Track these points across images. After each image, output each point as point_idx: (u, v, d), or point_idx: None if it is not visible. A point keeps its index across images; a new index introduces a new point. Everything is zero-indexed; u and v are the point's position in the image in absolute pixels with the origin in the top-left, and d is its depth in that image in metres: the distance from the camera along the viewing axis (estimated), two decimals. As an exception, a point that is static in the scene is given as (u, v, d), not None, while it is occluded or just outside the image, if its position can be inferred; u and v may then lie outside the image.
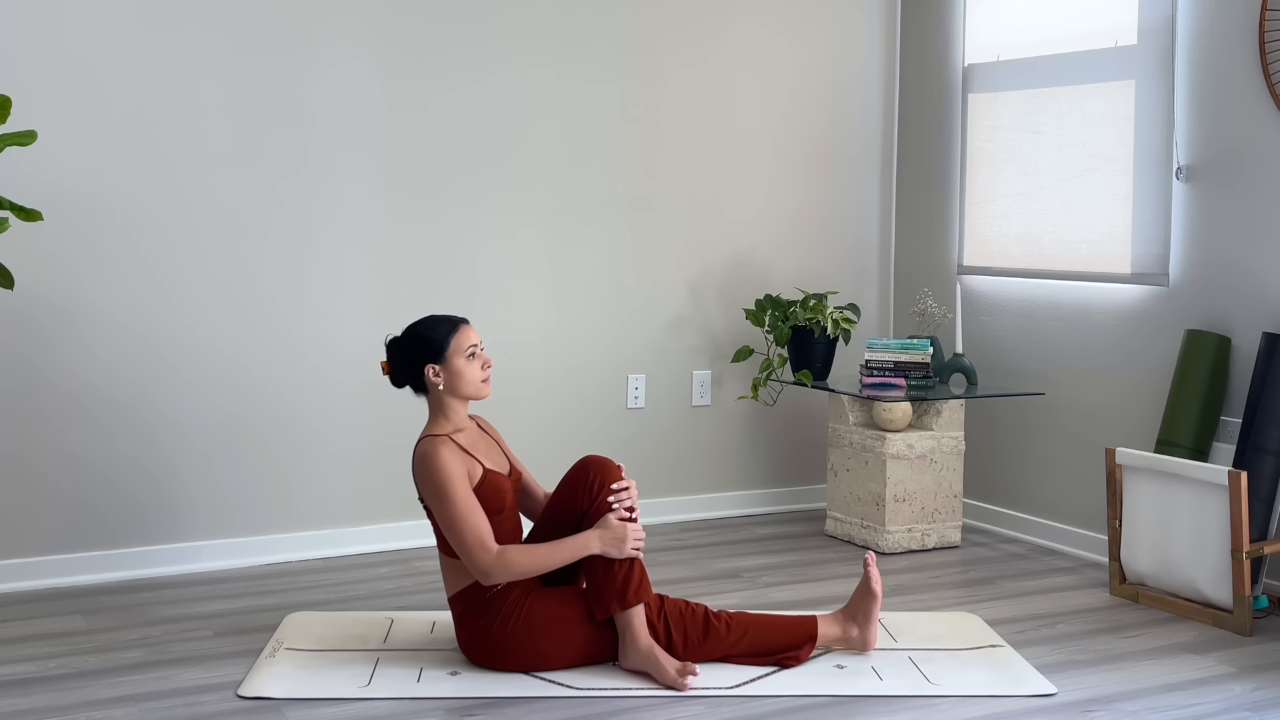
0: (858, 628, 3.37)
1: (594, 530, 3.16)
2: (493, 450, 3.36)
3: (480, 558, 3.09)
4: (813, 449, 5.23)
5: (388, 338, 3.34)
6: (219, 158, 4.17)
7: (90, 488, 4.06)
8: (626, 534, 3.16)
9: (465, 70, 4.51)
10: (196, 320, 4.17)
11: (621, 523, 3.17)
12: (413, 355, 3.26)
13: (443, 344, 3.24)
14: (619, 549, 3.15)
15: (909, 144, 5.28)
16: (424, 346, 3.25)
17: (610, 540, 3.15)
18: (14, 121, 3.65)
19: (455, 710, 3.01)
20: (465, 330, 3.27)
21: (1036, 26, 4.71)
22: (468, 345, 3.26)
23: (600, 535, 3.15)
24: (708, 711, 3.02)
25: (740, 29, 5.00)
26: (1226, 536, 3.68)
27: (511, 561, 3.11)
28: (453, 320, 3.29)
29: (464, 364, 3.25)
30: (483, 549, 3.09)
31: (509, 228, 4.62)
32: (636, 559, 3.18)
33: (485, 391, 3.30)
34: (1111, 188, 4.43)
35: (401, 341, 3.29)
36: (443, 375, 3.24)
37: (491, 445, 3.37)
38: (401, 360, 3.28)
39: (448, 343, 3.24)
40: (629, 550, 3.15)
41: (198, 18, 4.11)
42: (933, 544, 4.58)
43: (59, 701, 3.04)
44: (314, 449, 4.36)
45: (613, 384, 4.86)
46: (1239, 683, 3.25)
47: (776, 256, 5.11)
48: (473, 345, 3.27)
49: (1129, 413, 4.39)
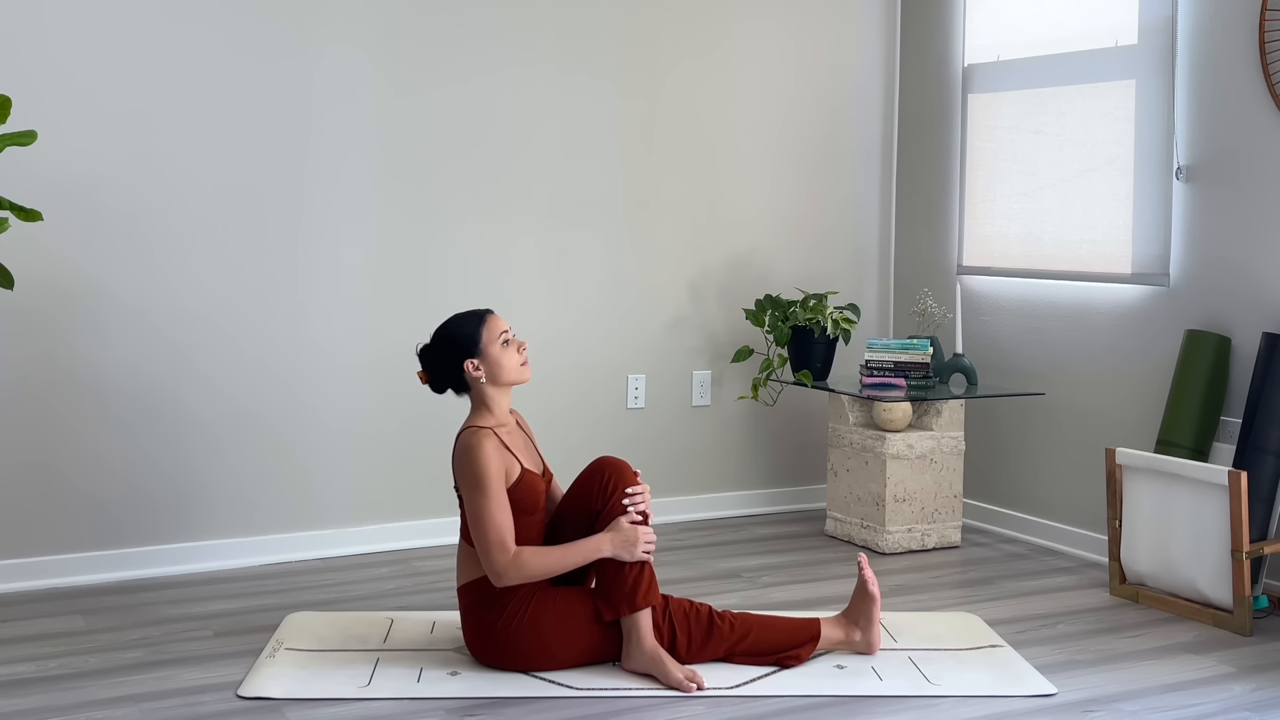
0: (860, 631, 3.37)
1: (606, 533, 3.17)
2: (529, 449, 3.38)
3: (497, 557, 3.10)
4: (813, 449, 5.23)
5: (418, 347, 3.34)
6: (221, 154, 4.17)
7: (90, 488, 4.05)
8: (638, 537, 3.17)
9: (466, 67, 4.51)
10: (197, 321, 4.16)
11: (633, 526, 3.18)
12: (449, 355, 3.27)
13: (476, 337, 3.26)
14: (630, 552, 3.16)
15: (909, 144, 5.28)
16: (458, 344, 3.26)
17: (621, 543, 3.16)
18: (14, 121, 3.66)
19: (455, 710, 3.01)
20: (493, 319, 3.29)
21: (1036, 26, 4.71)
22: (499, 333, 3.28)
23: (612, 538, 3.17)
24: (708, 711, 3.02)
25: (740, 29, 5.00)
26: (1226, 536, 3.68)
27: (525, 563, 3.12)
28: (478, 313, 3.31)
29: (500, 351, 3.27)
30: (501, 549, 3.10)
31: (509, 227, 4.62)
32: (647, 562, 3.19)
33: (526, 375, 3.32)
34: (1112, 188, 4.43)
35: (434, 346, 3.30)
36: (483, 368, 3.25)
37: (528, 443, 3.39)
38: (439, 363, 3.29)
39: (480, 334, 3.26)
40: (640, 554, 3.17)
41: (197, 17, 4.11)
42: (933, 544, 4.58)
43: (59, 701, 3.04)
44: (314, 449, 4.36)
45: (613, 384, 4.86)
46: (1239, 683, 3.25)
47: (776, 256, 5.11)
48: (504, 331, 3.29)
49: (1129, 413, 4.39)
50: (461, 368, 3.26)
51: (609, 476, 3.24)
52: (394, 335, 4.41)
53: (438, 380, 3.31)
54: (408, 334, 4.39)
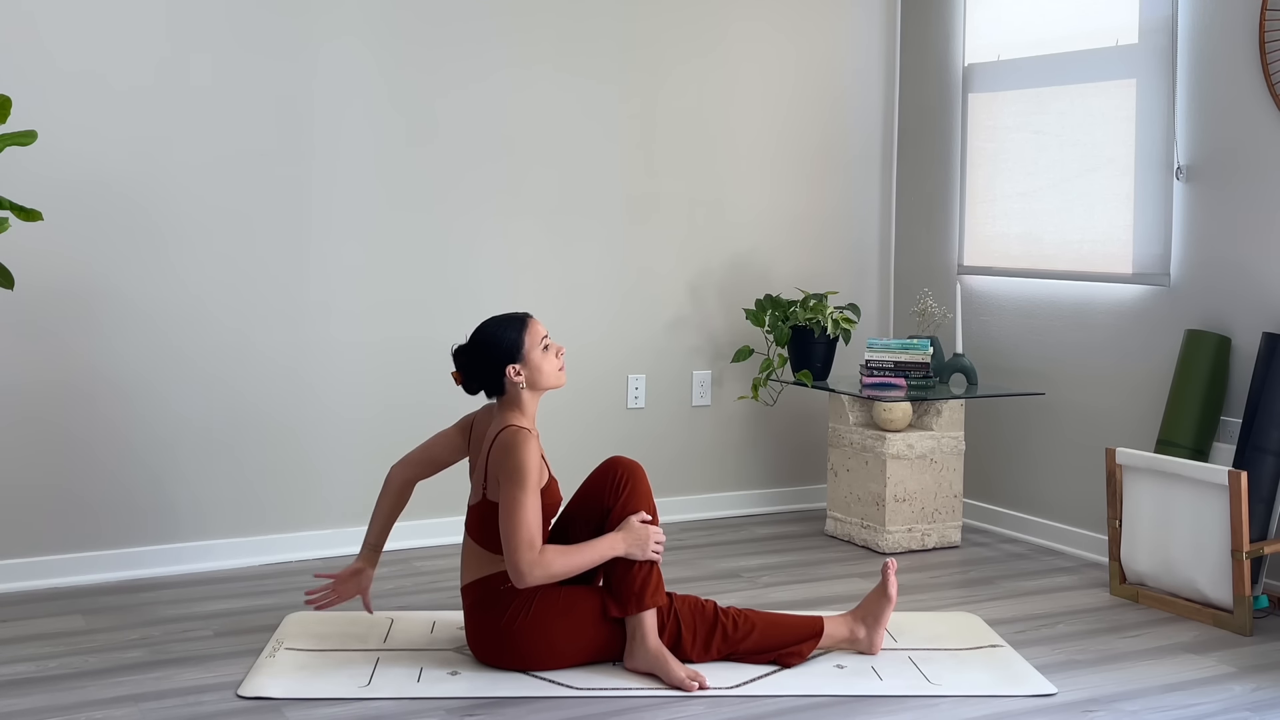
0: (865, 629, 3.38)
1: (618, 533, 3.19)
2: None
3: (525, 555, 3.09)
4: (813, 449, 5.23)
5: (454, 347, 3.33)
6: (220, 155, 4.17)
7: (89, 488, 4.05)
8: (648, 536, 3.19)
9: (465, 68, 4.51)
10: (196, 324, 4.16)
11: (643, 525, 3.20)
12: (490, 359, 3.26)
13: (519, 342, 3.26)
14: (641, 550, 3.18)
15: (909, 144, 5.28)
16: (501, 348, 3.25)
17: (633, 542, 3.18)
18: (14, 121, 3.66)
19: (455, 710, 3.01)
20: (534, 324, 3.30)
21: (1037, 26, 4.71)
22: (540, 338, 3.29)
23: (625, 537, 3.18)
24: (708, 711, 3.02)
25: (740, 28, 5.00)
26: (1226, 536, 3.68)
27: (550, 562, 3.12)
28: (519, 316, 3.31)
29: (541, 356, 3.28)
30: (530, 547, 3.10)
31: (510, 227, 4.62)
32: (656, 563, 3.20)
33: (563, 380, 3.35)
34: (1112, 187, 4.43)
35: (474, 348, 3.29)
36: (523, 373, 3.26)
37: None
38: (478, 366, 3.27)
39: (523, 340, 3.26)
40: (650, 553, 3.19)
41: (198, 16, 4.11)
42: (933, 544, 4.58)
43: (59, 701, 3.04)
44: (316, 449, 4.36)
45: (613, 384, 4.86)
46: (1239, 683, 3.25)
47: (776, 256, 5.11)
48: (544, 337, 3.30)
49: (1129, 413, 4.39)
50: (503, 372, 3.25)
51: (621, 474, 3.25)
52: (394, 335, 4.42)
53: (473, 382, 3.31)
54: (408, 333, 4.40)
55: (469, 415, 3.44)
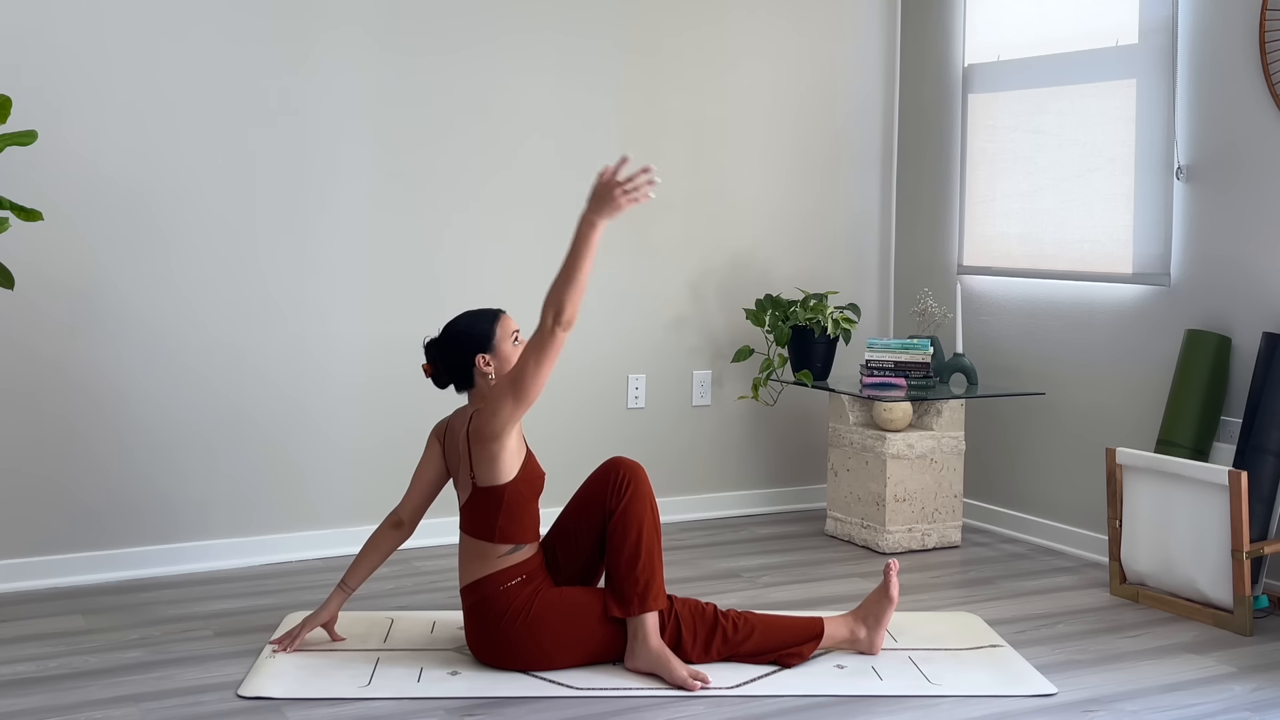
0: (866, 630, 3.38)
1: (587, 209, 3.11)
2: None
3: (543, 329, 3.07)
4: (813, 449, 5.23)
5: (425, 339, 3.35)
6: (219, 155, 4.17)
7: (89, 488, 4.05)
8: (610, 187, 3.08)
9: (465, 68, 4.51)
10: (196, 323, 4.17)
11: (602, 183, 3.10)
12: (461, 349, 3.27)
13: (490, 333, 3.27)
14: (611, 205, 3.08)
15: (909, 144, 5.28)
16: (472, 338, 3.27)
17: (603, 203, 3.09)
18: (14, 121, 3.66)
19: (455, 710, 3.01)
20: (506, 318, 3.32)
21: (1036, 26, 4.71)
22: (511, 331, 3.30)
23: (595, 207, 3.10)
24: (708, 711, 3.02)
25: (741, 28, 5.00)
26: (1226, 536, 3.68)
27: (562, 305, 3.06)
28: (492, 311, 3.33)
29: (512, 349, 3.29)
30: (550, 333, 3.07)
31: (508, 227, 4.62)
32: (658, 565, 3.19)
33: None
34: (1112, 187, 4.43)
35: (445, 339, 3.30)
36: (493, 364, 3.26)
37: None
38: (449, 357, 3.29)
39: (494, 331, 3.28)
40: (622, 200, 3.08)
41: (197, 15, 4.11)
42: (933, 544, 4.58)
43: (59, 701, 3.04)
44: (315, 449, 4.36)
45: (613, 384, 4.86)
46: (1239, 683, 3.25)
47: (776, 256, 5.11)
48: (515, 331, 3.32)
49: (1129, 413, 4.39)
50: (473, 362, 3.26)
51: (623, 476, 3.24)
52: (393, 334, 4.41)
53: (442, 374, 3.32)
54: (406, 333, 4.40)
55: (439, 423, 3.42)
